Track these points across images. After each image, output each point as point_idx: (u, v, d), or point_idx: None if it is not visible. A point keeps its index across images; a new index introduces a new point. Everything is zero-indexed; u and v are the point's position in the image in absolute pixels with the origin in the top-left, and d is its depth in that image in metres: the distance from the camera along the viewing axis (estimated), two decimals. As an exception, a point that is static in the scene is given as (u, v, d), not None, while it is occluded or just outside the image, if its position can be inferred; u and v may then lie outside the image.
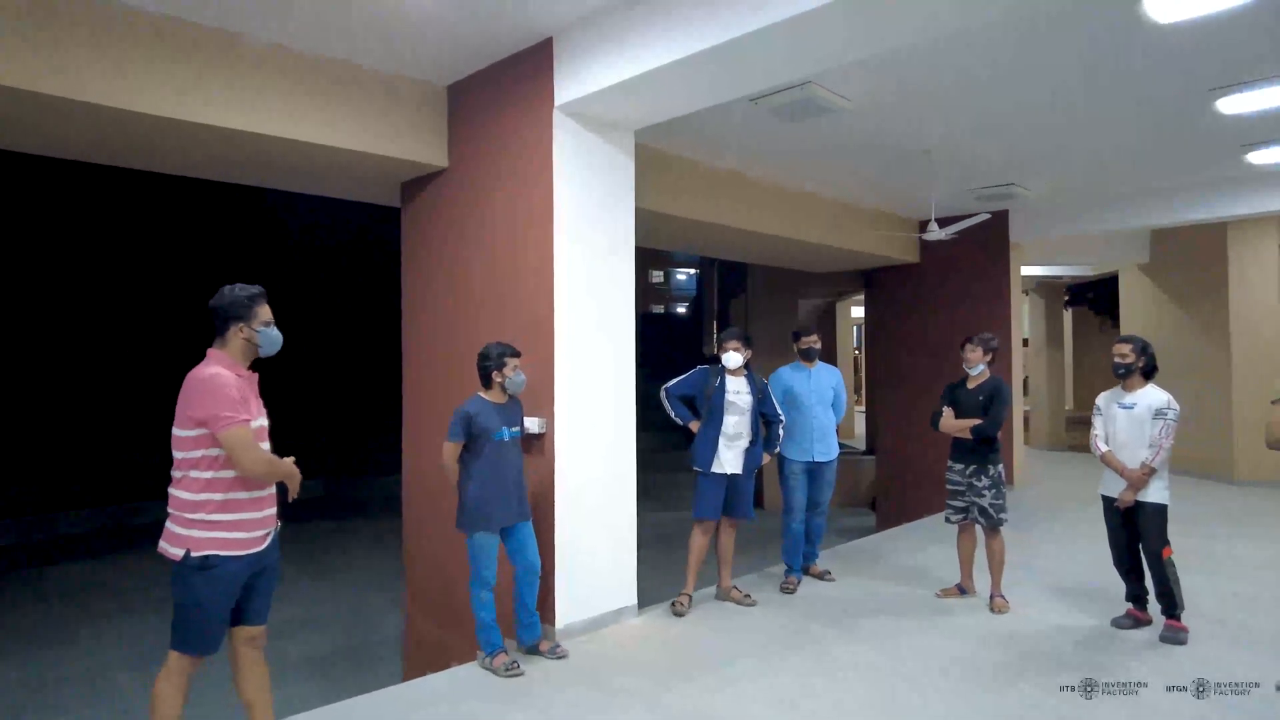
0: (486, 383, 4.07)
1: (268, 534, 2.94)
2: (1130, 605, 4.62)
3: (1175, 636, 4.31)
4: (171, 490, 2.78)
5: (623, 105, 4.45)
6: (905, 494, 10.17)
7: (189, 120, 4.14)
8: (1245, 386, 9.66)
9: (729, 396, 4.93)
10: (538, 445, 4.51)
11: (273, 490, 2.96)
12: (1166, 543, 4.34)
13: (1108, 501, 4.56)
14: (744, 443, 4.93)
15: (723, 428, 4.89)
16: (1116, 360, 4.52)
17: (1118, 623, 4.58)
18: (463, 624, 5.06)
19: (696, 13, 3.69)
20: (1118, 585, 4.78)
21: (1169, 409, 4.35)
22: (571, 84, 4.34)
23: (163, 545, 2.78)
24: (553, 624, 4.42)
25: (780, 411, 5.17)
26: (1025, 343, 13.41)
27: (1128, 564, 4.56)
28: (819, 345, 5.75)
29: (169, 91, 4.06)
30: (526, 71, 4.58)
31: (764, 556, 8.06)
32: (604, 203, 4.73)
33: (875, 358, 11.35)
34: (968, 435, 4.87)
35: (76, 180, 12.00)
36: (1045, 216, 9.17)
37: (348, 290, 16.30)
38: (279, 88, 4.45)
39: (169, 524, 2.78)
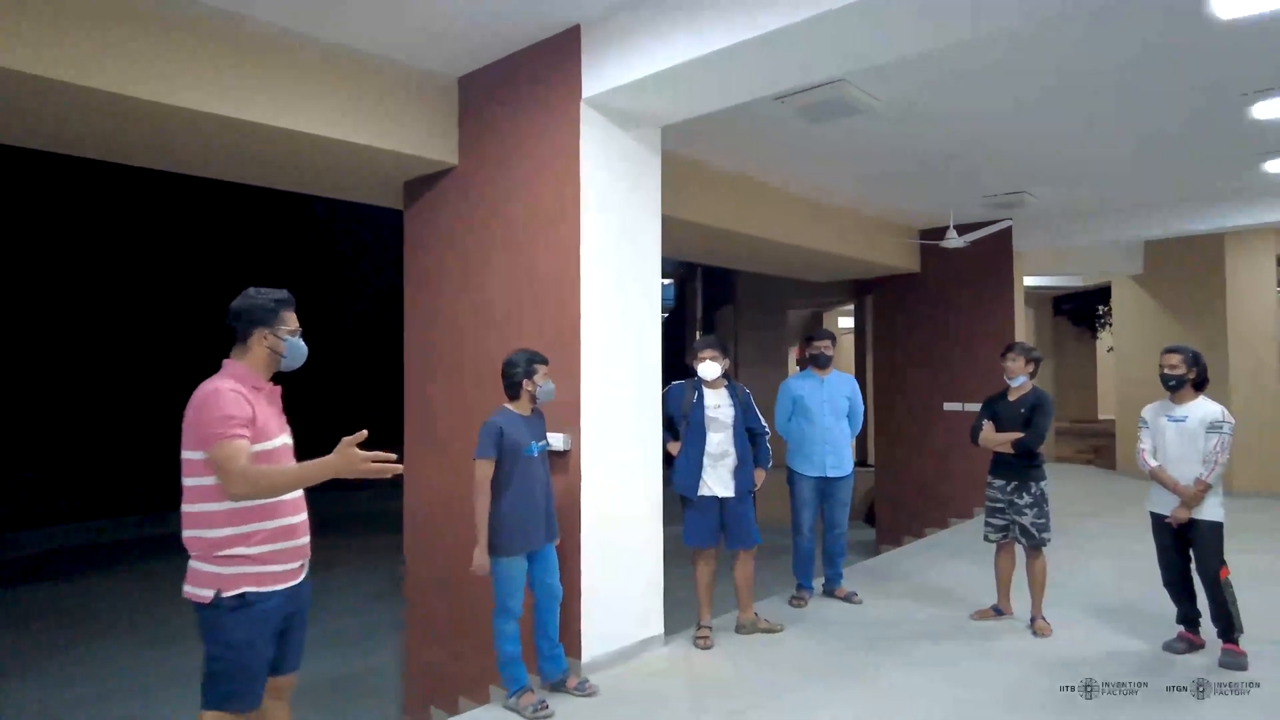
0: (514, 393, 3.75)
1: (303, 565, 2.65)
2: (1182, 628, 4.41)
3: (1236, 661, 4.10)
4: (187, 527, 2.46)
5: (655, 99, 4.17)
6: (907, 506, 9.99)
7: (179, 106, 3.77)
8: (1243, 399, 9.64)
9: (709, 412, 4.53)
10: (561, 463, 4.19)
11: (304, 516, 2.65)
12: (1223, 562, 4.15)
13: (1157, 519, 4.36)
14: (731, 461, 4.53)
15: (706, 447, 4.50)
16: (1166, 371, 4.32)
17: (1170, 647, 4.37)
18: (470, 652, 4.73)
19: (736, 3, 3.46)
20: (1159, 605, 4.60)
21: (1225, 422, 4.17)
22: (600, 76, 4.06)
23: (188, 589, 2.45)
24: (578, 657, 4.08)
25: (764, 423, 4.75)
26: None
27: (1179, 585, 4.36)
28: (832, 351, 5.46)
29: (162, 75, 3.69)
30: (551, 62, 4.28)
31: (763, 575, 7.80)
32: (632, 204, 4.44)
33: (874, 368, 11.17)
34: (1009, 450, 4.64)
35: (84, 180, 11.48)
36: (1048, 226, 9.08)
37: (323, 295, 15.74)
38: (276, 73, 4.09)
39: (193, 563, 2.45)
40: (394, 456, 2.43)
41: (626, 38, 3.92)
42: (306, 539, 2.65)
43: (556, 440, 4.11)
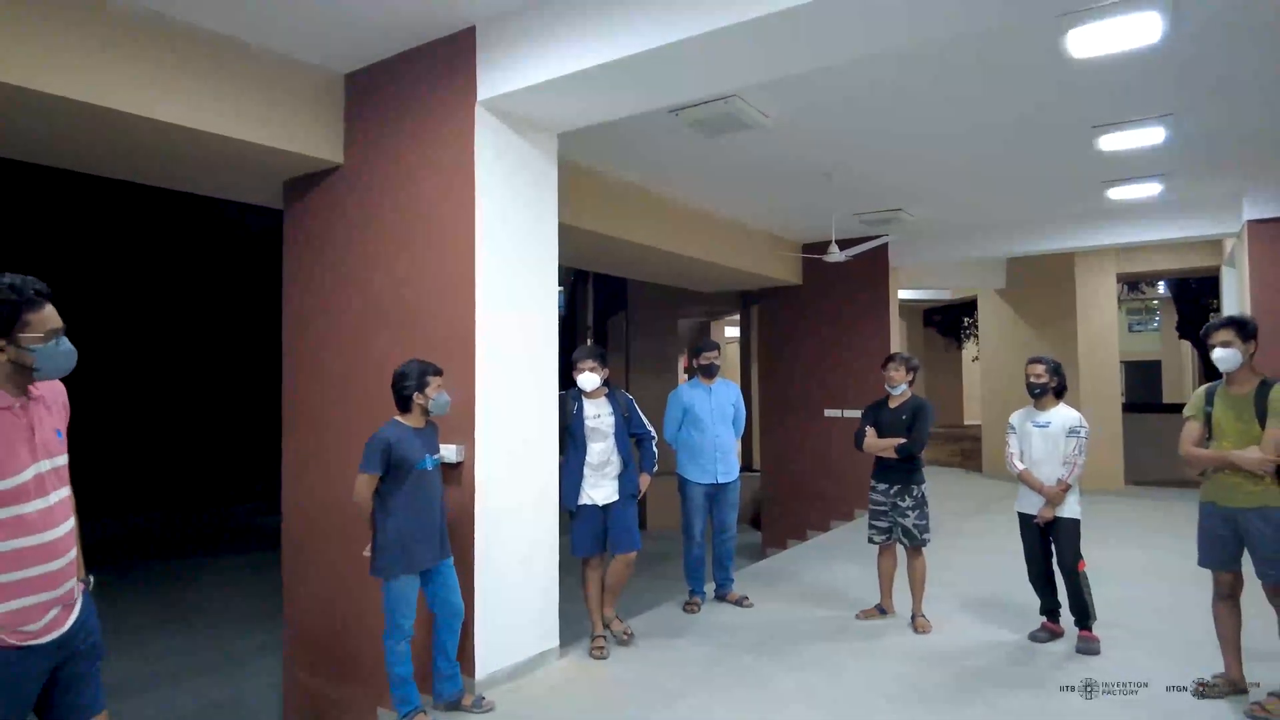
0: (404, 406, 3.61)
1: (70, 607, 2.20)
2: (1044, 619, 4.73)
3: (1090, 647, 4.43)
4: None
5: (552, 105, 4.13)
6: (791, 510, 10.31)
7: (32, 89, 3.41)
8: (1091, 403, 10.46)
9: (589, 423, 4.52)
10: (454, 475, 4.06)
11: (68, 557, 2.17)
12: (1080, 556, 4.48)
13: (1025, 518, 4.66)
14: (613, 469, 4.56)
15: (587, 457, 4.50)
16: (1031, 380, 4.64)
17: (1034, 636, 4.68)
18: (355, 675, 4.52)
19: (636, 13, 3.49)
20: (1024, 597, 4.91)
21: (1081, 427, 4.52)
22: (497, 78, 3.98)
23: None
24: (472, 675, 3.96)
25: (650, 427, 4.80)
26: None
27: (1043, 579, 4.67)
28: (720, 361, 5.61)
29: (13, 55, 3.35)
30: (444, 62, 4.16)
31: (654, 582, 7.88)
32: (528, 209, 4.37)
33: (759, 376, 11.48)
34: (892, 454, 4.85)
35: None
36: (921, 242, 9.60)
37: (183, 296, 14.59)
38: (140, 58, 3.76)
39: None
40: None
41: (524, 41, 3.87)
42: (65, 588, 2.16)
43: (449, 452, 3.98)
